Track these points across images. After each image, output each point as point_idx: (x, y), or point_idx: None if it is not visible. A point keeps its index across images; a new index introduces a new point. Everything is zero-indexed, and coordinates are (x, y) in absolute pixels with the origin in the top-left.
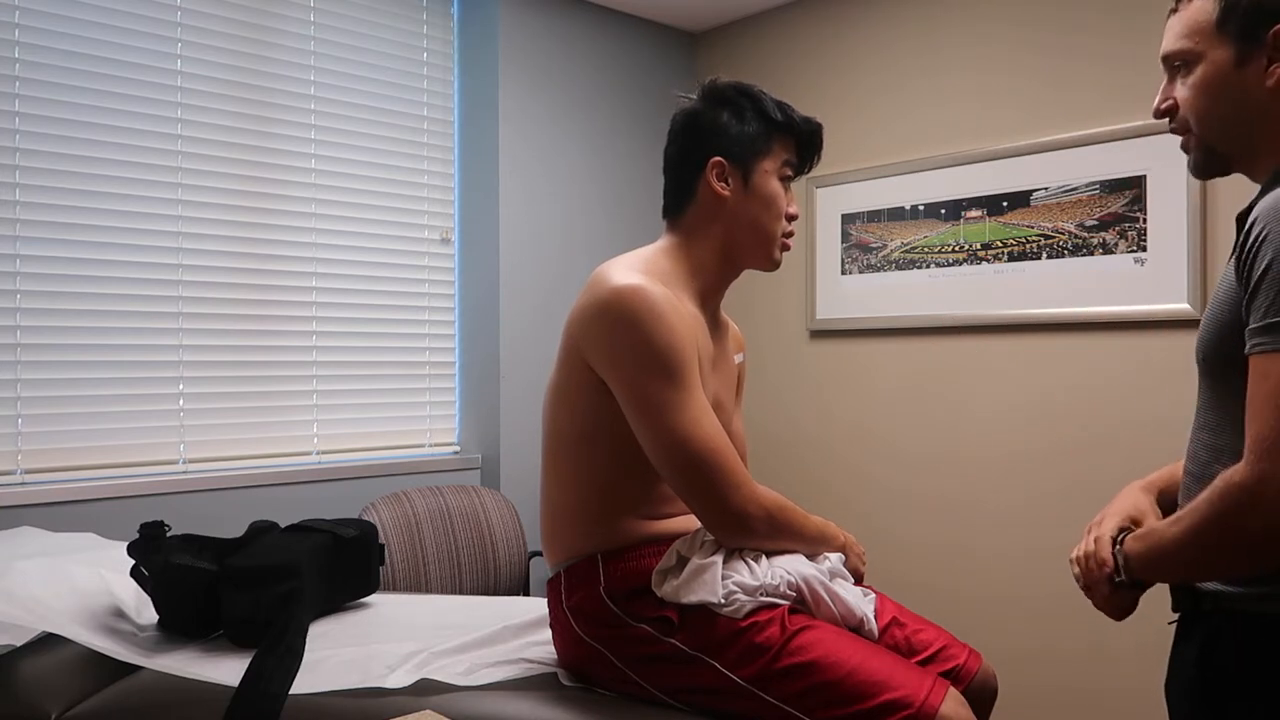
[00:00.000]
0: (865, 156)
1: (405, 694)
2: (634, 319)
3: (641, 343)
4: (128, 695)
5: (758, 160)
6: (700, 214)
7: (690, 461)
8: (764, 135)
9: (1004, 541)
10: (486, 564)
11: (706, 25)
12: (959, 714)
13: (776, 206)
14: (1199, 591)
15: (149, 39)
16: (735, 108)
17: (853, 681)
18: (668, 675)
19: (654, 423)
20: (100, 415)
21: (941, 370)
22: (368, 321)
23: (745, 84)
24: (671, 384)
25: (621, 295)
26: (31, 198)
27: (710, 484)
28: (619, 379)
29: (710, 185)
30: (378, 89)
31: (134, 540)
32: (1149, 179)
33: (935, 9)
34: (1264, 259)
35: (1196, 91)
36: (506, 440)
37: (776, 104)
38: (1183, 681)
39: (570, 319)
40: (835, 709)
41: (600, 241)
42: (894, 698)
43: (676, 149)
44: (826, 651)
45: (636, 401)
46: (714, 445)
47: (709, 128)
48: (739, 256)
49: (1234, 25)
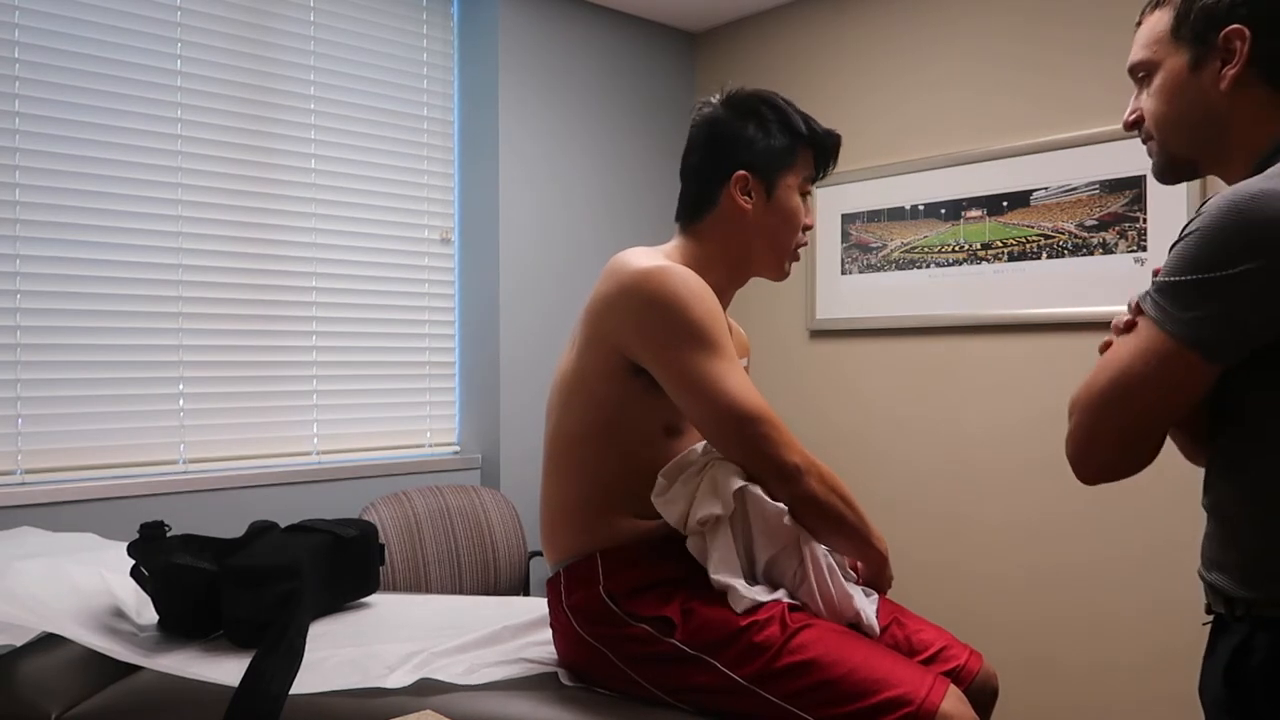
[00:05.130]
0: (865, 156)
1: (405, 694)
2: (667, 298)
3: (678, 319)
4: (128, 695)
5: (782, 175)
6: (719, 223)
7: (747, 425)
8: (789, 149)
9: (1004, 541)
10: (486, 564)
11: (706, 25)
12: (960, 712)
13: (796, 220)
14: (1231, 597)
15: (149, 39)
16: (760, 119)
17: (854, 679)
18: (668, 675)
19: (704, 394)
20: (100, 415)
21: (941, 370)
22: (368, 321)
23: (769, 93)
24: (713, 355)
25: (651, 275)
26: (31, 198)
27: (770, 442)
28: (659, 358)
29: (734, 198)
30: (378, 89)
31: (134, 540)
32: (1149, 179)
33: (935, 9)
34: (1183, 233)
35: (1156, 98)
36: (506, 440)
37: (801, 116)
38: (1214, 685)
39: (592, 307)
40: (836, 707)
41: (600, 241)
42: (895, 695)
43: (700, 158)
44: (827, 649)
45: (681, 377)
46: (764, 407)
47: (734, 139)
48: (751, 265)
49: (1187, 30)
